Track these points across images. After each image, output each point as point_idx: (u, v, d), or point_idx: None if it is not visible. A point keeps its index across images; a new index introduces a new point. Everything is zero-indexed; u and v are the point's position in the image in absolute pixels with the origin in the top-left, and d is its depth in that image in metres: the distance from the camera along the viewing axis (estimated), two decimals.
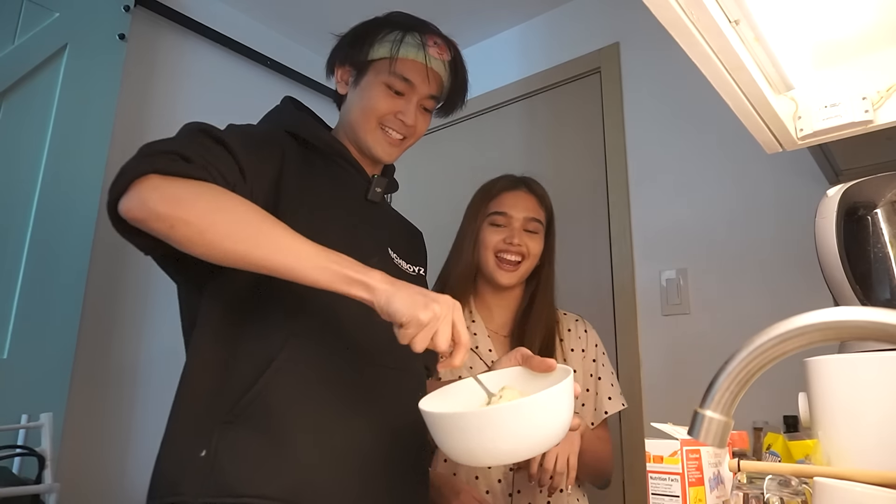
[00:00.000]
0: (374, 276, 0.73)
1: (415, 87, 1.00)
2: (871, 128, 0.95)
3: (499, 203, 1.30)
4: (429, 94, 1.02)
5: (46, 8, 1.72)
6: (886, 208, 0.89)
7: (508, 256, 1.25)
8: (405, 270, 1.04)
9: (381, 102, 0.99)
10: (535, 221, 1.29)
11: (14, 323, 1.56)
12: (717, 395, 0.51)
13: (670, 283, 1.82)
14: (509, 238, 1.25)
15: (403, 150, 1.06)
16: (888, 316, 0.44)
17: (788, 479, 0.62)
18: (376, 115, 0.99)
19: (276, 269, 0.73)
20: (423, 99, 1.02)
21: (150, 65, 2.06)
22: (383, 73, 0.98)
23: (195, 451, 0.79)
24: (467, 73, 1.10)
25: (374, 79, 1.00)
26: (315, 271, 0.72)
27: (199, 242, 0.73)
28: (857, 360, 0.71)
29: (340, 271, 0.72)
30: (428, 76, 1.00)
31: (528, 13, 2.35)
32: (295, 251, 0.73)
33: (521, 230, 1.27)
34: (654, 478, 0.72)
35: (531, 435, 0.69)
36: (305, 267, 0.72)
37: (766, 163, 1.63)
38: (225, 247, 0.73)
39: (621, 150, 2.02)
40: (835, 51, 0.96)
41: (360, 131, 1.01)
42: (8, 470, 1.26)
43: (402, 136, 1.02)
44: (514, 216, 1.28)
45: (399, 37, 0.99)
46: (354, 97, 1.02)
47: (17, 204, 1.60)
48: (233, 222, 0.74)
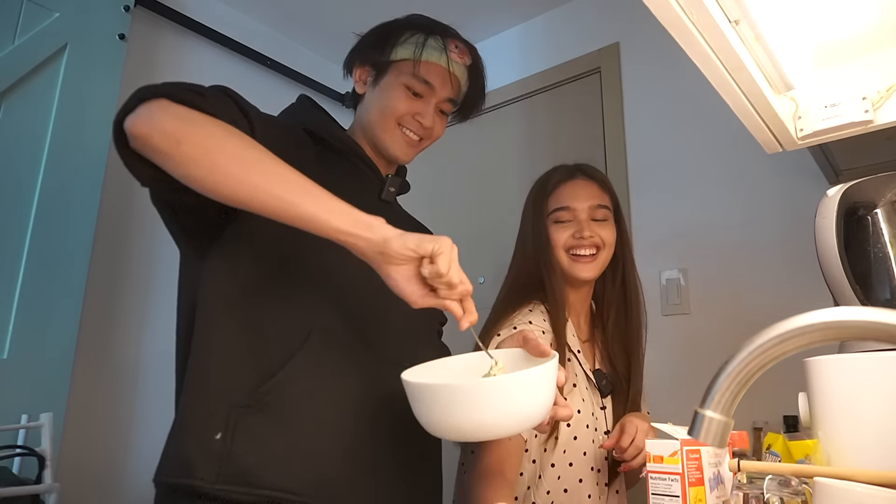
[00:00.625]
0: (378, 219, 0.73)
1: (434, 89, 1.00)
2: (871, 128, 0.95)
3: (558, 197, 1.20)
4: (447, 97, 1.02)
5: (46, 8, 1.72)
6: (886, 208, 0.89)
7: (582, 252, 1.16)
8: None
9: (400, 103, 0.99)
10: (601, 208, 1.19)
11: (14, 323, 1.56)
12: (717, 395, 0.51)
13: (670, 283, 1.82)
14: (578, 232, 1.16)
15: (419, 151, 1.06)
16: (888, 316, 0.44)
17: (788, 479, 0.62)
18: (395, 116, 1.00)
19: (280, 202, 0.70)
20: (441, 102, 1.02)
21: (150, 65, 2.06)
22: (404, 75, 0.99)
23: (210, 432, 0.77)
24: (486, 78, 1.10)
25: (394, 80, 1.00)
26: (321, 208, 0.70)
27: (203, 163, 0.70)
28: (857, 360, 0.71)
29: (347, 211, 0.71)
30: (449, 80, 1.01)
31: (528, 13, 2.35)
32: (301, 186, 0.72)
33: (588, 221, 1.18)
34: (654, 478, 0.72)
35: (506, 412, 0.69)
36: (311, 202, 0.71)
37: (766, 163, 1.63)
38: (230, 170, 0.70)
39: (621, 150, 2.02)
40: (835, 51, 0.96)
41: (378, 130, 1.01)
42: (8, 470, 1.26)
43: (419, 138, 1.03)
44: (577, 207, 1.18)
45: (422, 39, 1.00)
46: (373, 97, 1.02)
47: (17, 204, 1.60)
48: (240, 148, 0.72)
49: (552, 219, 1.19)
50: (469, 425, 0.69)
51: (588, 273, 1.16)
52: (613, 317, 1.22)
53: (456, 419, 0.69)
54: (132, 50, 1.94)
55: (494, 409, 0.68)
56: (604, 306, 1.25)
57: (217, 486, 0.75)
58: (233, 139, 0.73)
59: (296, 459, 0.79)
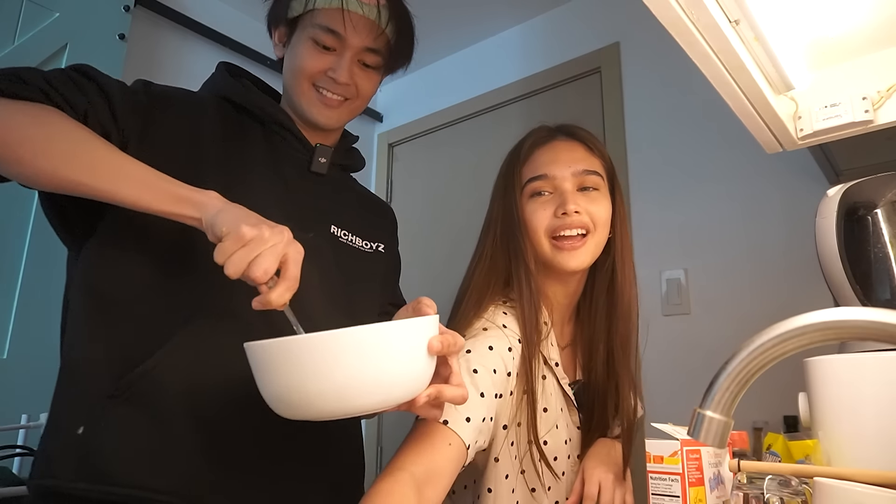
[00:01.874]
0: (209, 195, 0.67)
1: (343, 39, 0.88)
2: (871, 128, 0.95)
3: (533, 165, 0.94)
4: (363, 45, 0.89)
5: (46, 8, 1.72)
6: (886, 208, 0.89)
7: (567, 232, 0.89)
8: (354, 246, 0.96)
9: (307, 60, 0.89)
10: (590, 174, 0.92)
11: (14, 323, 1.56)
12: (717, 395, 0.51)
13: (671, 283, 1.82)
14: (561, 207, 0.89)
15: (350, 114, 0.95)
16: (888, 316, 0.44)
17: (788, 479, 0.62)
18: (306, 75, 0.90)
19: (95, 189, 0.66)
20: (357, 52, 0.90)
21: (150, 65, 2.06)
22: (308, 28, 0.89)
23: (72, 426, 0.71)
24: (410, 17, 0.96)
25: (300, 36, 0.91)
26: (139, 189, 0.66)
27: (7, 158, 0.67)
28: (857, 360, 0.71)
29: (169, 189, 0.66)
30: (353, 24, 0.87)
31: (528, 13, 2.35)
32: (119, 169, 0.67)
33: (573, 192, 0.91)
34: (654, 478, 0.72)
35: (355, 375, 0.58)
36: (129, 184, 0.66)
37: (766, 163, 1.63)
38: (36, 163, 0.67)
39: (621, 150, 2.02)
40: (835, 51, 0.96)
41: (293, 94, 0.93)
42: (8, 470, 1.26)
43: (342, 97, 0.92)
44: (558, 175, 0.91)
45: None
46: (286, 60, 0.94)
47: (17, 204, 1.60)
48: (47, 137, 0.67)
49: (527, 192, 0.93)
50: (312, 391, 0.58)
51: (576, 262, 0.89)
52: (596, 314, 0.97)
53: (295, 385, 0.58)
54: (132, 50, 1.94)
55: (340, 369, 0.57)
56: (586, 300, 0.99)
57: (77, 485, 0.69)
58: (40, 128, 0.68)
59: (162, 455, 0.72)
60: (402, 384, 0.62)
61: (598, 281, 0.97)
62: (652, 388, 1.83)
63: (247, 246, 0.61)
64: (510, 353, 0.86)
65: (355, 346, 0.58)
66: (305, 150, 0.94)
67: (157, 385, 0.73)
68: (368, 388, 0.59)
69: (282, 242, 0.63)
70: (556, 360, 0.93)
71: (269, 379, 0.61)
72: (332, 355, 0.58)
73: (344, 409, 0.60)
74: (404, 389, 0.63)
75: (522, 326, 0.88)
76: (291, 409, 0.61)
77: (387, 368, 0.59)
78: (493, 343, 0.85)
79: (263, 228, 0.62)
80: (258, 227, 0.62)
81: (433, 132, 2.60)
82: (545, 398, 0.89)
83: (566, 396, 0.93)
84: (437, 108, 2.58)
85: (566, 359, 0.98)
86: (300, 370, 0.58)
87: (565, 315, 1.00)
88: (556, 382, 0.92)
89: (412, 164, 2.67)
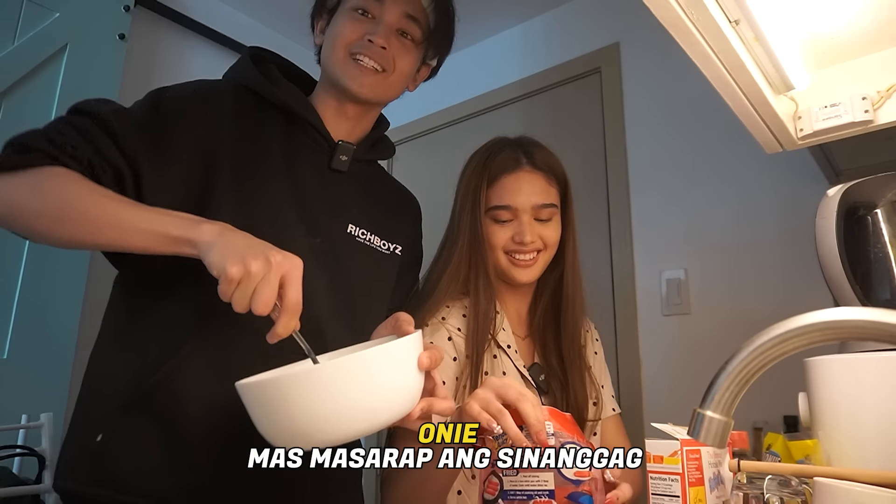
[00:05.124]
0: (202, 231, 0.67)
1: (383, 4, 0.90)
2: (871, 128, 0.95)
3: (499, 193, 1.06)
4: (404, 12, 0.91)
5: (46, 8, 1.72)
6: (886, 208, 0.89)
7: (522, 257, 1.05)
8: (372, 245, 0.96)
9: (346, 27, 0.90)
10: (546, 208, 1.05)
11: (14, 323, 1.56)
12: (717, 395, 0.51)
13: (671, 283, 1.82)
14: (519, 236, 1.03)
15: (385, 87, 0.93)
16: (888, 316, 0.44)
17: (788, 479, 0.62)
18: (344, 43, 0.90)
19: (107, 245, 0.71)
20: (397, 19, 0.91)
21: (150, 65, 2.06)
22: (347, 3, 0.92)
23: (92, 434, 0.75)
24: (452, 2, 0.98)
25: (341, 11, 0.93)
26: (139, 237, 0.69)
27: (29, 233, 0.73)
28: (857, 360, 0.71)
29: (163, 232, 0.68)
30: None
31: (528, 13, 2.35)
32: (118, 220, 0.70)
33: (530, 222, 1.05)
34: (654, 478, 0.72)
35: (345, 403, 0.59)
36: (132, 236, 0.69)
37: (766, 163, 1.63)
38: (52, 233, 0.72)
39: (621, 150, 2.02)
40: (835, 51, 0.96)
41: (331, 66, 0.92)
42: (8, 470, 1.26)
43: (378, 66, 0.91)
44: (519, 207, 1.04)
45: None
46: (327, 38, 0.95)
47: None
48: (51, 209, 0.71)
49: (491, 216, 1.06)
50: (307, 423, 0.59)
51: (527, 276, 1.06)
52: (542, 313, 1.11)
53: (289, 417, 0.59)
54: (132, 50, 1.94)
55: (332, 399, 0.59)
56: (536, 299, 1.14)
57: (92, 489, 0.73)
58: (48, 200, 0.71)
59: (169, 464, 0.75)
60: (398, 404, 0.64)
61: (545, 285, 1.13)
62: (652, 388, 1.83)
63: (241, 285, 0.62)
64: (450, 342, 1.00)
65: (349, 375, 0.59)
66: (328, 146, 0.93)
67: (171, 396, 0.76)
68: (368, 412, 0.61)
69: (272, 271, 0.63)
70: (508, 344, 1.05)
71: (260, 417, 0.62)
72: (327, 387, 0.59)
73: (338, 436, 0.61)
74: (401, 408, 0.65)
75: (472, 315, 1.01)
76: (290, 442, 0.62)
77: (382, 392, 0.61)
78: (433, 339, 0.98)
79: (250, 263, 0.62)
80: (242, 261, 0.62)
81: (433, 132, 2.60)
82: (495, 374, 1.00)
83: (523, 377, 1.04)
84: (437, 108, 2.58)
85: (526, 346, 1.11)
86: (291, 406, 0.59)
87: (521, 311, 1.14)
88: (512, 364, 1.04)
89: (412, 164, 2.67)
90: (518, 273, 1.05)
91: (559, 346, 1.08)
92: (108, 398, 0.77)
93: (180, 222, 0.69)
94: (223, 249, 0.65)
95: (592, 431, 1.07)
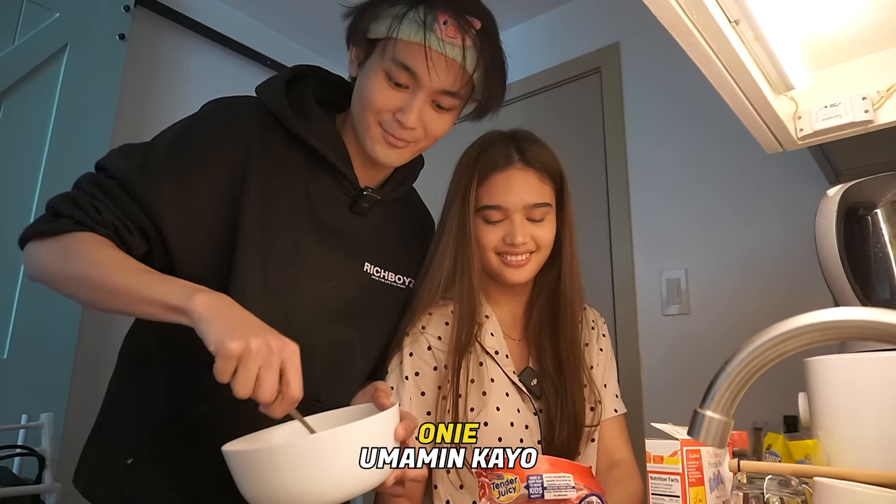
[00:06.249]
0: (195, 301, 0.65)
1: (419, 79, 0.80)
2: (871, 128, 0.95)
3: (489, 192, 1.00)
4: (441, 88, 0.81)
5: (46, 8, 1.72)
6: (886, 208, 0.89)
7: (513, 258, 1.00)
8: (386, 282, 0.96)
9: (377, 96, 0.82)
10: (539, 207, 0.99)
11: (14, 323, 1.56)
12: (717, 395, 0.51)
13: (671, 283, 1.82)
14: (510, 237, 0.98)
15: (413, 154, 0.90)
16: (888, 316, 0.44)
17: (788, 479, 0.62)
18: (372, 110, 0.83)
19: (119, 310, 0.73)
20: (432, 94, 0.82)
21: (150, 65, 2.06)
22: (385, 59, 0.81)
23: (122, 455, 0.80)
24: (504, 59, 0.89)
25: (374, 63, 0.82)
26: (141, 306, 0.71)
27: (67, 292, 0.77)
28: (857, 360, 0.71)
29: (163, 301, 0.68)
30: (434, 65, 0.78)
31: (528, 13, 2.35)
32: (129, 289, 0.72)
33: (522, 222, 0.99)
34: (654, 478, 0.72)
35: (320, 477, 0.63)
36: (137, 303, 0.71)
37: (765, 163, 1.63)
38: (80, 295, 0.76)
39: (621, 150, 2.02)
40: (835, 51, 0.96)
41: (359, 125, 0.86)
42: (8, 470, 1.26)
43: (406, 141, 0.85)
44: (511, 207, 0.99)
45: (402, 11, 0.79)
46: (358, 83, 0.86)
47: (18, 204, 1.60)
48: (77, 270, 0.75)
49: (481, 216, 1.01)
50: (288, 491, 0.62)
51: (520, 277, 1.01)
52: (537, 314, 1.06)
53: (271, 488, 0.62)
54: (132, 50, 1.94)
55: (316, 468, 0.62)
56: (532, 300, 1.09)
57: None
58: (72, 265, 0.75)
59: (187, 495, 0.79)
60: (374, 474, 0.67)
61: (542, 285, 1.08)
62: (652, 388, 1.83)
63: (242, 365, 0.61)
64: (430, 351, 0.98)
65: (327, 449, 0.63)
66: (353, 189, 0.90)
67: (204, 432, 0.78)
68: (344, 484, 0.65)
69: (273, 355, 0.62)
70: (496, 350, 1.01)
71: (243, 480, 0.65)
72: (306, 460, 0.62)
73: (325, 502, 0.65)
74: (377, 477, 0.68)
75: (455, 322, 0.99)
76: None
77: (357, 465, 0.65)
78: (413, 350, 0.97)
79: (249, 340, 0.61)
80: (243, 339, 0.61)
81: None
82: (482, 381, 0.98)
83: (514, 384, 1.00)
84: None
85: (520, 349, 1.06)
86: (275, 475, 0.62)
87: (516, 312, 1.09)
88: (500, 370, 1.00)
89: None
90: (510, 273, 1.00)
91: (556, 349, 1.03)
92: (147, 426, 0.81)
93: (179, 291, 0.68)
94: (220, 323, 0.63)
95: (590, 437, 1.03)
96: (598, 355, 1.12)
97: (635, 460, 1.08)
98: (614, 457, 1.06)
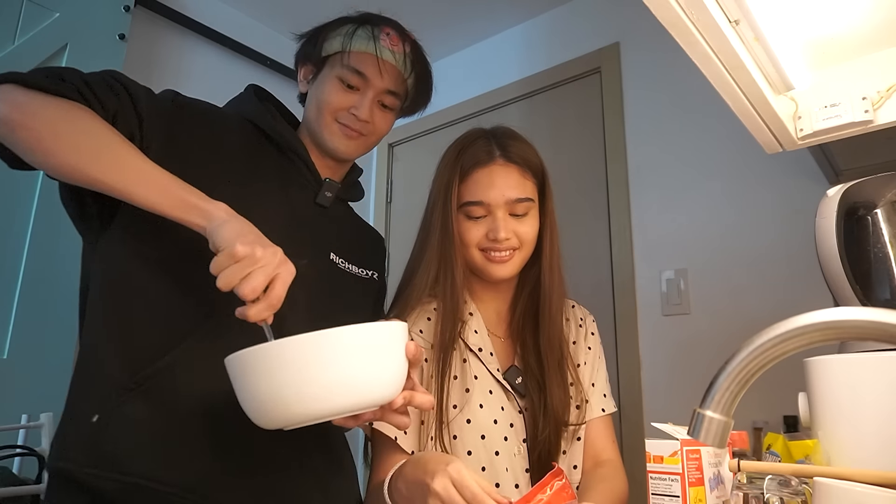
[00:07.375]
0: (217, 206, 0.71)
1: (368, 80, 0.96)
2: (871, 128, 0.95)
3: (471, 188, 1.01)
4: (385, 88, 0.98)
5: (46, 8, 1.72)
6: (886, 208, 0.89)
7: (497, 254, 1.01)
8: (351, 272, 1.01)
9: (333, 96, 0.97)
10: (521, 202, 1.00)
11: (14, 323, 1.56)
12: (717, 395, 0.51)
13: (670, 283, 1.82)
14: (493, 233, 0.99)
15: (366, 147, 1.02)
16: (888, 316, 0.44)
17: (788, 479, 0.62)
18: (330, 110, 0.97)
19: (113, 187, 0.71)
20: (379, 94, 0.98)
21: (150, 65, 2.06)
22: (337, 68, 0.97)
23: (88, 414, 0.76)
24: (430, 68, 1.05)
25: (328, 73, 0.98)
26: (153, 192, 0.70)
27: (37, 149, 0.72)
28: (857, 360, 0.71)
29: (181, 195, 0.70)
30: (381, 69, 0.96)
31: (528, 13, 2.35)
32: (137, 171, 0.71)
33: (505, 218, 1.00)
34: (654, 478, 0.72)
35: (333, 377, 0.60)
36: (144, 187, 0.70)
37: (766, 163, 1.63)
38: (62, 156, 0.71)
39: (621, 150, 2.02)
40: (835, 51, 0.96)
41: (316, 126, 0.99)
42: (8, 470, 1.26)
43: (361, 133, 0.99)
44: (493, 203, 1.00)
45: (351, 30, 0.97)
46: (312, 93, 1.01)
47: (17, 204, 1.59)
48: (76, 133, 0.72)
49: (463, 212, 1.02)
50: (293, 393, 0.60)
51: (503, 273, 1.01)
52: (520, 310, 1.08)
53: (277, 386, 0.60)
54: (132, 50, 1.94)
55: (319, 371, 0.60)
56: (516, 297, 1.10)
57: (86, 470, 0.74)
58: (70, 124, 0.72)
59: (170, 448, 0.76)
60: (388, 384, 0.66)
61: (525, 282, 1.09)
62: (652, 388, 1.83)
63: (239, 263, 0.65)
64: (421, 334, 1.01)
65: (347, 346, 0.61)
66: (315, 182, 1.00)
67: (172, 382, 0.77)
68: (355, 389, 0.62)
69: (273, 263, 0.67)
70: (480, 347, 1.02)
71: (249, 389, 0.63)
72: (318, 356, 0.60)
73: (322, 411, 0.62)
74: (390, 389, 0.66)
75: (438, 318, 1.00)
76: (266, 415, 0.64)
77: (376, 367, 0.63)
78: None
79: (256, 248, 0.66)
80: (252, 245, 0.66)
81: (433, 132, 2.60)
82: (465, 378, 0.99)
83: (498, 382, 1.01)
84: (438, 108, 2.57)
85: (506, 347, 1.07)
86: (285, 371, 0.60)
87: (501, 310, 1.10)
88: (484, 367, 1.01)
89: (412, 164, 2.66)
90: (494, 269, 1.01)
91: (537, 345, 1.03)
92: (105, 379, 0.78)
93: (199, 193, 0.72)
94: (238, 228, 0.68)
95: (576, 436, 1.03)
96: (586, 353, 1.11)
97: (621, 461, 1.07)
98: (600, 456, 1.05)
